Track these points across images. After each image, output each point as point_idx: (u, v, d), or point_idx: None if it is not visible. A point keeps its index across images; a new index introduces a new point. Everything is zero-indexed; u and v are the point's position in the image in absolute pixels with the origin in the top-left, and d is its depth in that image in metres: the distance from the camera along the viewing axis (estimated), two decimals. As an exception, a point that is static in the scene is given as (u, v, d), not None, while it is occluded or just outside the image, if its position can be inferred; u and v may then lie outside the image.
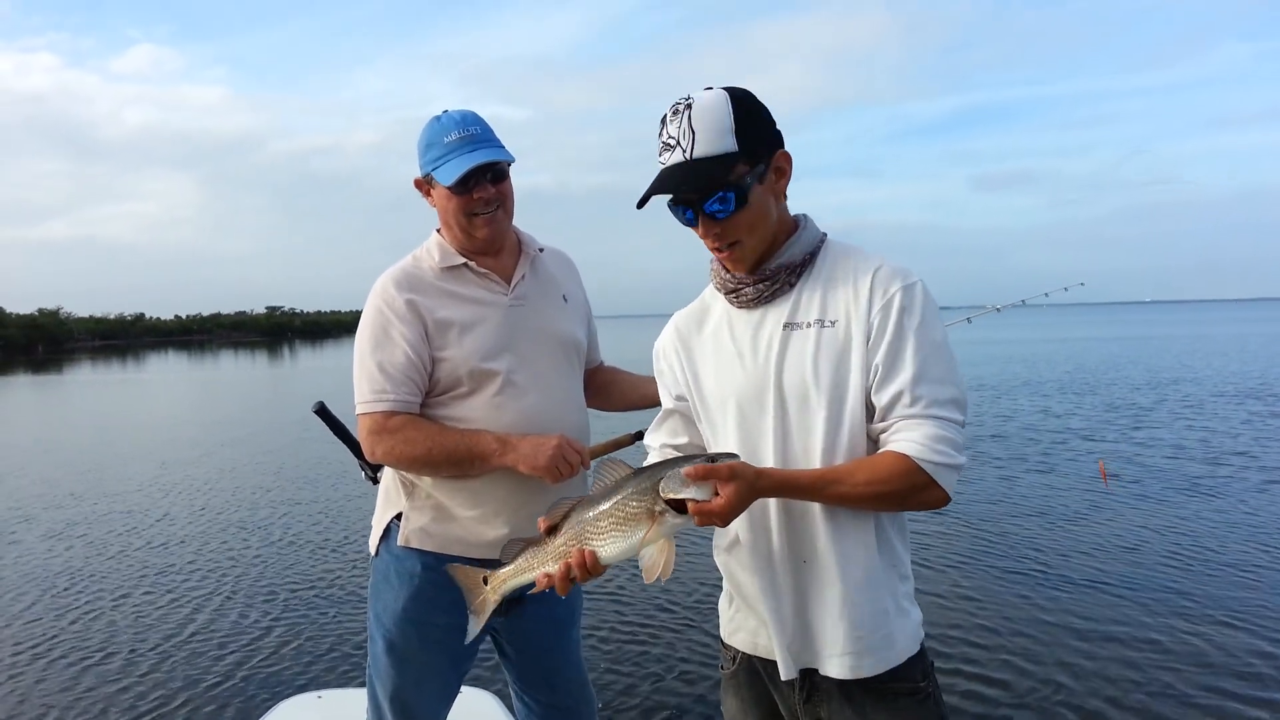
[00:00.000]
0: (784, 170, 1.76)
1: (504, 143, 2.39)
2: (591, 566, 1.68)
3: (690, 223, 1.75)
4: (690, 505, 1.58)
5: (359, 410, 2.37)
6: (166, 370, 49.58)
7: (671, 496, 1.59)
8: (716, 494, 1.56)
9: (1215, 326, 63.84)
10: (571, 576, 1.70)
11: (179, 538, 8.65)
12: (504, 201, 2.40)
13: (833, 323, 1.71)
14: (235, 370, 46.59)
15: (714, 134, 1.67)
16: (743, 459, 1.64)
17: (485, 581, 1.92)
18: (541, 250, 2.58)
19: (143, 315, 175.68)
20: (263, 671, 5.21)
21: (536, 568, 1.77)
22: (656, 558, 1.64)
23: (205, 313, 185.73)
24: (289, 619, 6.12)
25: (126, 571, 7.53)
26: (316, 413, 2.69)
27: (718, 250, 1.77)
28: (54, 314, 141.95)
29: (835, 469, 1.67)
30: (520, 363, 2.40)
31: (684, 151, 1.67)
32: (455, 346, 2.36)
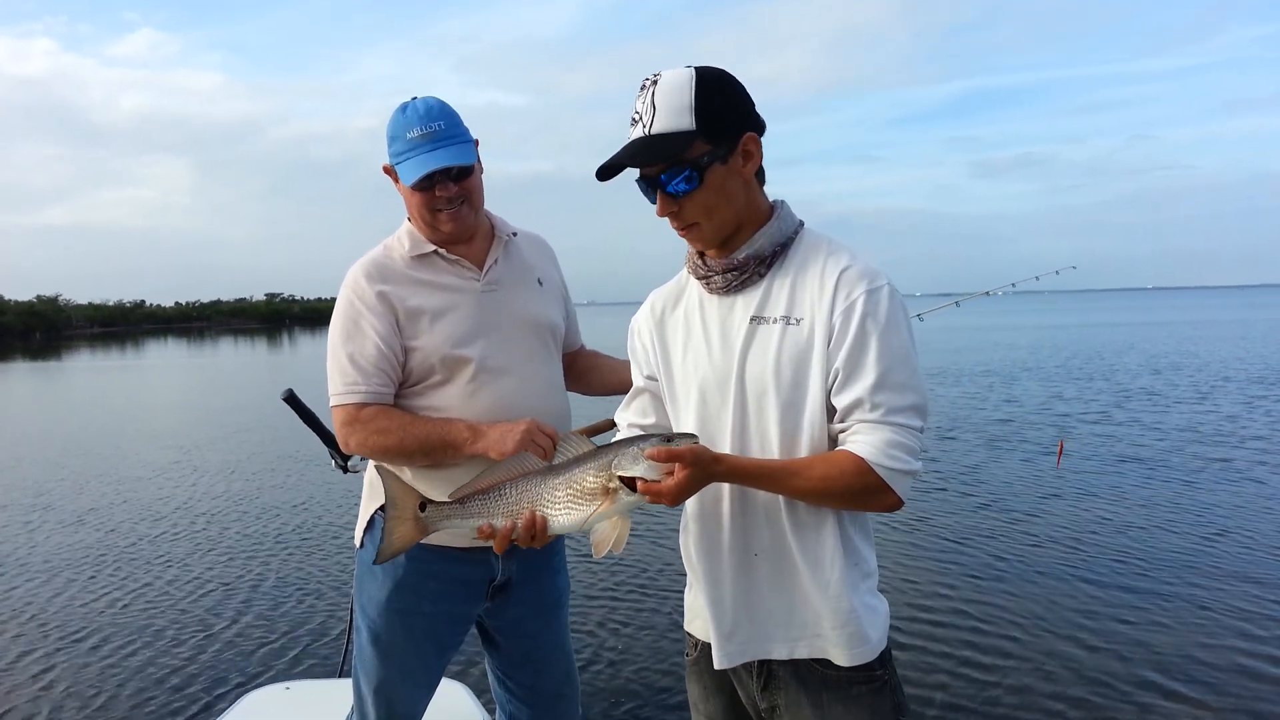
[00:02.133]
0: (752, 154, 1.73)
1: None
2: (540, 532, 1.72)
3: (650, 199, 1.75)
4: (639, 484, 1.61)
5: (332, 403, 2.36)
6: (166, 357, 49.66)
7: (624, 474, 1.62)
8: (670, 475, 1.59)
9: (1217, 312, 63.96)
10: (515, 537, 1.74)
11: (150, 525, 8.60)
12: (469, 196, 2.37)
13: (798, 320, 1.71)
14: (234, 357, 46.67)
15: (673, 112, 1.66)
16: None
17: (422, 508, 1.92)
18: (515, 234, 2.56)
19: (143, 302, 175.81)
20: (230, 662, 5.17)
21: (482, 516, 1.79)
22: (609, 533, 1.68)
23: (205, 299, 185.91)
24: (258, 609, 6.06)
25: (94, 559, 7.49)
26: (286, 400, 2.67)
27: (678, 229, 1.77)
28: (52, 301, 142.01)
29: (792, 461, 1.68)
30: (494, 349, 2.39)
31: (644, 127, 1.68)
32: (427, 335, 2.34)
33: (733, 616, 1.78)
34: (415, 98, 2.35)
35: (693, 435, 1.65)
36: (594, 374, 2.75)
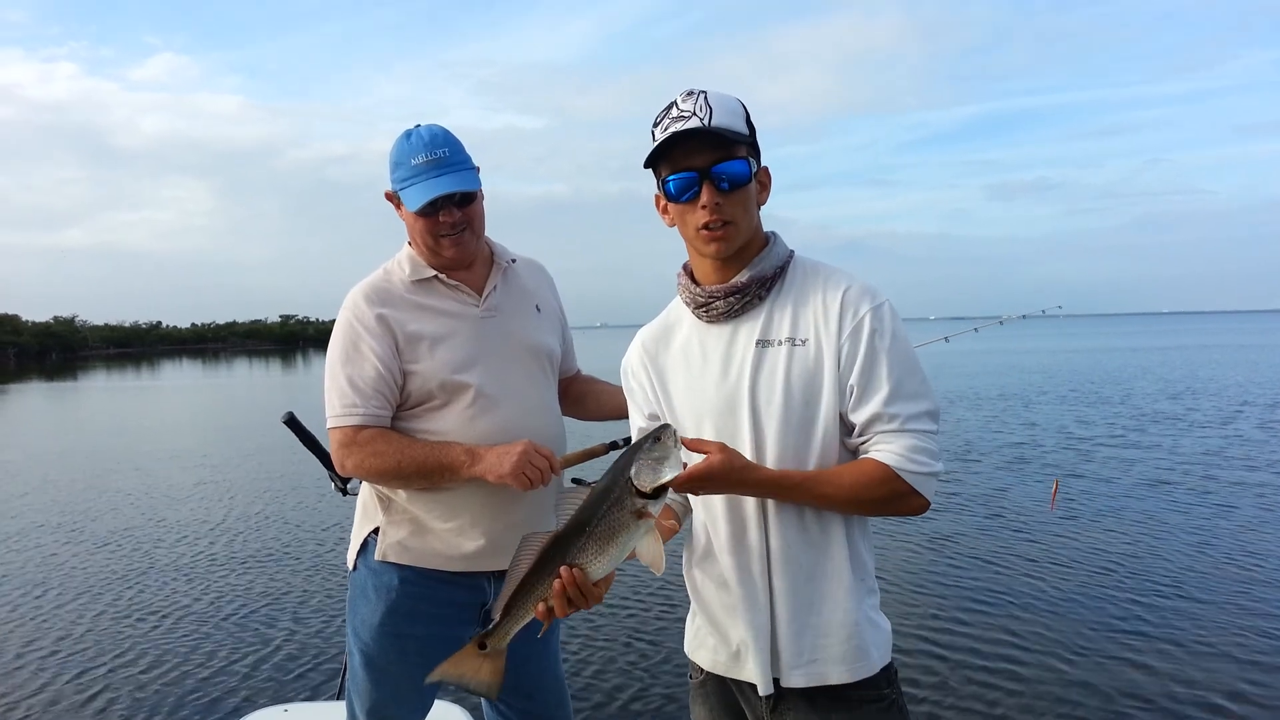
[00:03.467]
0: (765, 184, 1.84)
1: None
2: (588, 587, 1.62)
3: (689, 193, 1.75)
4: (675, 481, 1.57)
5: (329, 424, 2.38)
6: (180, 378, 49.87)
7: (653, 485, 1.57)
8: (685, 466, 1.61)
9: (1234, 336, 63.49)
10: (570, 597, 1.63)
11: (150, 547, 8.60)
12: (471, 223, 2.40)
13: (803, 341, 1.76)
14: (248, 378, 46.84)
15: (729, 114, 1.74)
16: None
17: (481, 646, 1.77)
18: (514, 261, 2.58)
19: (159, 323, 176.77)
20: (229, 684, 5.16)
21: (532, 607, 1.68)
22: (655, 548, 1.62)
23: (221, 321, 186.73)
24: (258, 631, 6.06)
25: (94, 580, 7.50)
26: (286, 423, 2.68)
27: (707, 229, 1.75)
28: (69, 322, 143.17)
29: (822, 471, 1.73)
30: (492, 374, 2.40)
31: (702, 120, 1.71)
32: (426, 359, 2.36)
33: (769, 639, 1.78)
34: (419, 125, 2.39)
35: (665, 424, 1.64)
36: (589, 399, 2.76)
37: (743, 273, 1.80)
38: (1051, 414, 17.30)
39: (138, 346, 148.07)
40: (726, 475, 1.65)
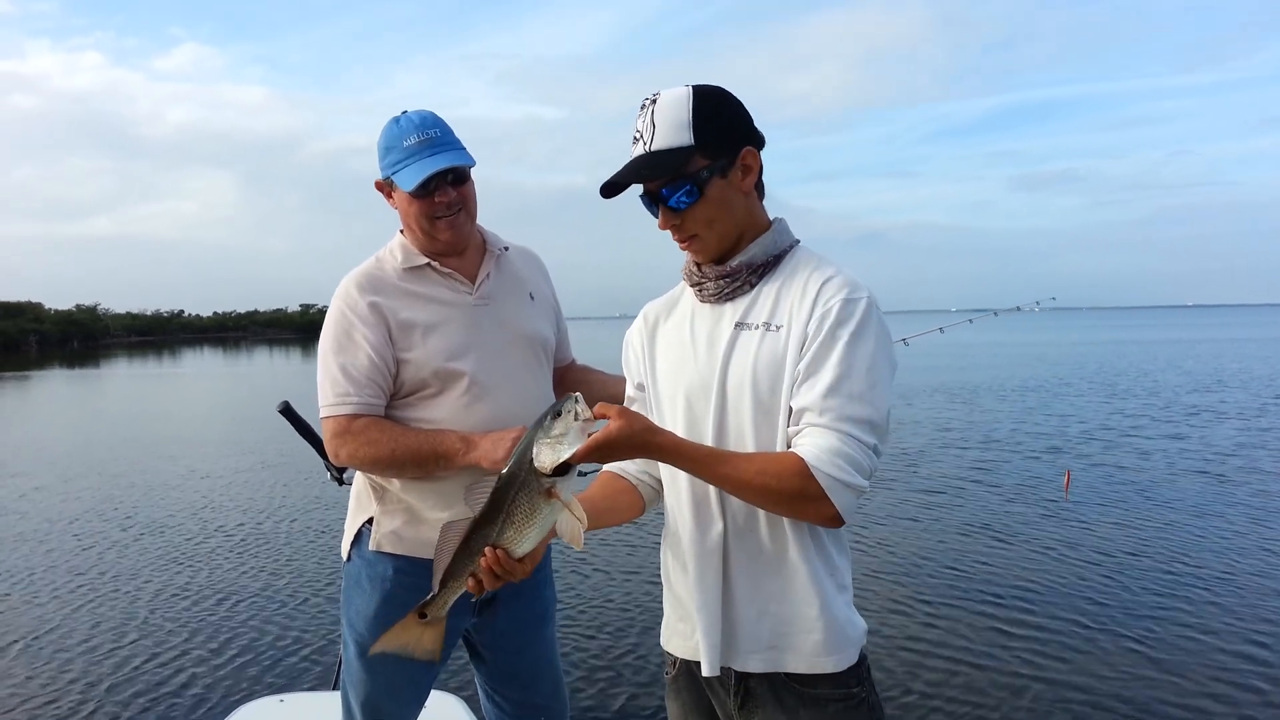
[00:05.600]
0: (750, 167, 1.77)
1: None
2: (509, 563, 1.64)
3: (653, 213, 1.79)
4: (576, 453, 1.54)
5: (323, 414, 2.37)
6: (200, 366, 50.24)
7: (555, 464, 1.55)
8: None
9: (1263, 330, 62.85)
10: (497, 574, 1.65)
11: (145, 536, 8.65)
12: (466, 204, 2.39)
13: (778, 327, 1.73)
14: (268, 366, 47.09)
15: (671, 128, 1.71)
16: None
17: (422, 615, 1.82)
18: (507, 249, 2.56)
19: (181, 312, 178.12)
20: (224, 674, 5.17)
21: (464, 580, 1.71)
22: (573, 525, 1.60)
23: (241, 310, 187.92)
24: (254, 621, 6.07)
25: (88, 568, 7.56)
26: (281, 412, 2.68)
27: (679, 241, 1.81)
28: (91, 310, 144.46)
29: (732, 452, 1.68)
30: (486, 362, 2.39)
31: (644, 144, 1.73)
32: (419, 348, 2.35)
33: (722, 622, 1.76)
34: (405, 110, 2.37)
35: (570, 394, 1.61)
36: (583, 388, 2.73)
37: (735, 257, 1.80)
38: (1079, 404, 17.25)
39: (159, 335, 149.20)
40: (628, 441, 1.59)
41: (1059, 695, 4.61)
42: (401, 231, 2.46)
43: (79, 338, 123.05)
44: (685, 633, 1.86)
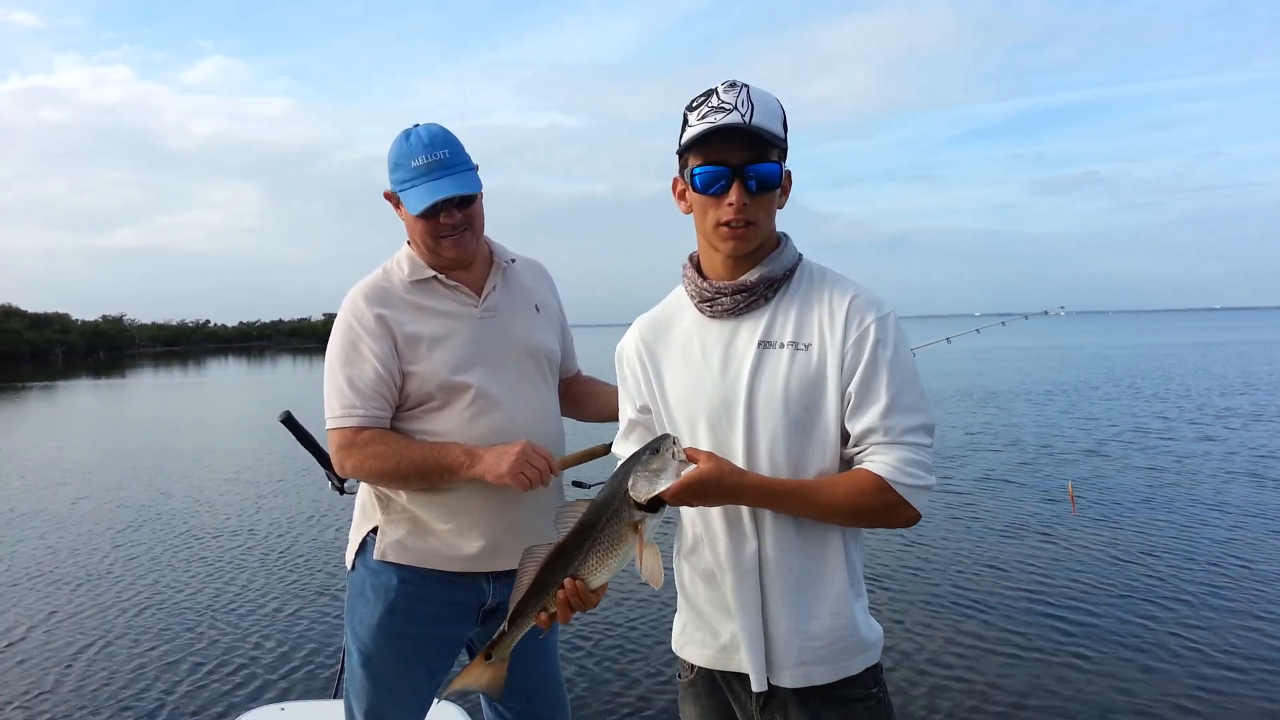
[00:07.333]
0: (786, 189, 1.82)
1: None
2: (587, 595, 1.72)
3: (716, 187, 1.74)
4: (667, 491, 1.61)
5: (329, 426, 2.37)
6: (225, 375, 50.60)
7: (646, 497, 1.61)
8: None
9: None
10: (572, 605, 1.73)
11: (150, 544, 8.68)
12: (472, 223, 2.39)
13: (806, 346, 1.76)
14: (291, 375, 47.34)
15: (768, 115, 1.74)
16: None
17: (489, 657, 1.85)
18: (513, 261, 2.56)
19: (207, 322, 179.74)
20: (227, 683, 5.16)
21: (535, 616, 1.76)
22: (654, 563, 1.66)
23: (267, 319, 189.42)
24: (257, 629, 6.06)
25: (93, 576, 7.59)
26: (283, 422, 2.68)
27: (728, 227, 1.75)
28: (117, 320, 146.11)
29: (816, 480, 1.73)
30: (492, 375, 2.39)
31: (743, 116, 1.70)
32: (425, 360, 2.35)
33: (763, 637, 1.79)
34: (418, 124, 2.37)
35: (666, 434, 1.68)
36: (589, 400, 2.74)
37: (752, 271, 1.80)
38: (1107, 408, 17.15)
39: (185, 345, 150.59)
40: (718, 483, 1.64)
41: (1059, 698, 4.56)
42: (409, 243, 2.46)
43: (105, 348, 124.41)
44: (701, 641, 1.88)
